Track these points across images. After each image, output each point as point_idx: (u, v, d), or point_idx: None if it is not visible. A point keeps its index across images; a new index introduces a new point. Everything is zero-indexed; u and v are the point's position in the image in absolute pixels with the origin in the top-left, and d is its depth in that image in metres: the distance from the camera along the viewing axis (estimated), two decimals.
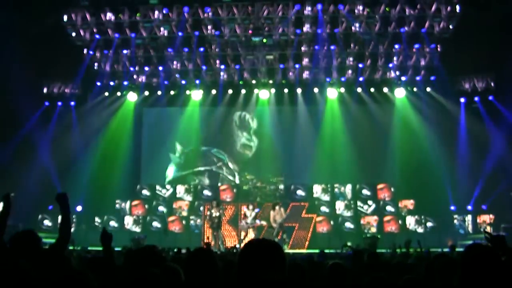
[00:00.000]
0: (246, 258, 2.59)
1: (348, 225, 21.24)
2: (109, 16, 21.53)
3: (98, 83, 23.51)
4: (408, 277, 4.79)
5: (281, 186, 22.53)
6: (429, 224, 21.05)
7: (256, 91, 24.14)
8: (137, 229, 21.64)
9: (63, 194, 5.02)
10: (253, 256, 2.58)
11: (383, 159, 23.72)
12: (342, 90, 23.78)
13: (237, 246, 17.13)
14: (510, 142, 20.71)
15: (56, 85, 24.14)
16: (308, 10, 21.08)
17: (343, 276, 5.48)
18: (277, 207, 19.14)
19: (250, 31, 21.33)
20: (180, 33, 21.58)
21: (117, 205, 22.36)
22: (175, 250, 13.02)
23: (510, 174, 20.23)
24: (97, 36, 21.96)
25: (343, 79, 23.47)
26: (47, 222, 21.51)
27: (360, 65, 22.74)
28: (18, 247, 4.49)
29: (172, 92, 24.39)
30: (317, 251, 14.13)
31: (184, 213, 22.03)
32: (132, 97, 24.10)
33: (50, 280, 3.51)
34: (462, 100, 22.98)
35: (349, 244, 16.66)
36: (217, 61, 23.22)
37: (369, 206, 21.69)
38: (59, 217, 5.10)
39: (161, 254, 4.79)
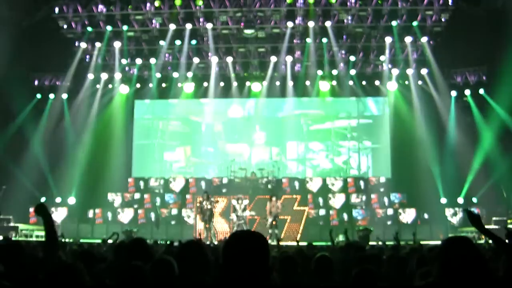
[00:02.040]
0: (229, 250, 2.61)
1: (340, 216, 21.27)
2: (101, 8, 21.46)
3: (90, 76, 23.43)
4: (426, 269, 4.82)
5: (273, 179, 22.51)
6: (420, 217, 21.12)
7: (248, 83, 24.21)
8: (129, 221, 21.57)
9: (41, 204, 4.97)
10: (236, 248, 2.60)
11: (374, 152, 24.00)
12: (334, 83, 23.86)
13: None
14: (500, 135, 20.81)
15: (48, 78, 24.08)
16: (300, 2, 21.10)
17: (330, 269, 5.50)
18: (273, 199, 19.20)
19: (242, 24, 21.25)
20: (172, 26, 21.54)
21: (109, 198, 22.29)
22: (167, 242, 13.02)
23: (499, 167, 20.33)
24: (88, 29, 21.88)
25: (335, 72, 23.51)
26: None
27: (352, 58, 22.78)
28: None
29: (164, 85, 24.39)
30: (318, 243, 14.17)
31: (176, 206, 22.00)
32: (124, 89, 24.04)
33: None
34: (453, 93, 23.06)
35: (341, 238, 16.71)
36: (209, 54, 23.22)
37: (362, 199, 21.73)
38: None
39: (149, 246, 4.80)
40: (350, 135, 24.40)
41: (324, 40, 21.87)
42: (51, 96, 23.79)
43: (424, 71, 22.84)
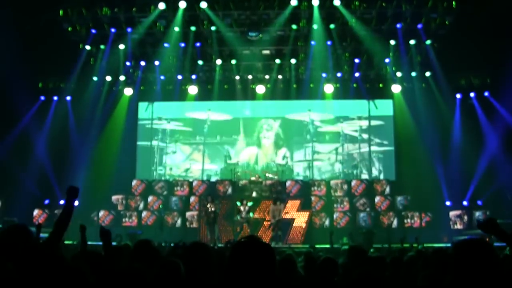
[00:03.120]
0: (235, 260, 2.59)
1: (344, 220, 21.21)
2: (105, 10, 21.46)
3: (94, 78, 23.46)
4: (426, 273, 4.79)
5: (278, 182, 22.43)
6: (424, 219, 21.05)
7: (252, 86, 24.25)
8: (134, 224, 21.54)
9: (76, 188, 5.02)
10: (242, 258, 2.58)
11: (380, 155, 24.00)
12: (338, 85, 23.86)
13: (231, 241, 17.09)
14: (505, 138, 20.77)
15: (52, 80, 24.11)
16: (304, 5, 21.07)
17: (335, 271, 5.48)
18: (278, 203, 19.20)
19: (246, 27, 21.28)
20: (176, 28, 21.54)
21: (113, 200, 22.26)
22: (172, 245, 13.00)
23: (504, 170, 20.28)
24: (93, 31, 21.90)
25: (339, 74, 23.52)
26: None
27: (356, 61, 22.78)
28: (10, 242, 4.44)
29: (168, 87, 24.45)
30: (321, 246, 14.16)
31: (180, 208, 21.95)
32: (128, 92, 24.05)
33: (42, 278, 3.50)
34: (457, 96, 23.04)
35: (345, 241, 16.67)
36: (213, 56, 23.23)
37: (365, 201, 21.67)
38: (61, 210, 5.06)
39: (156, 248, 4.78)
40: (360, 138, 24.39)
41: (329, 42, 21.86)
42: (55, 98, 23.85)
43: (428, 74, 22.81)
